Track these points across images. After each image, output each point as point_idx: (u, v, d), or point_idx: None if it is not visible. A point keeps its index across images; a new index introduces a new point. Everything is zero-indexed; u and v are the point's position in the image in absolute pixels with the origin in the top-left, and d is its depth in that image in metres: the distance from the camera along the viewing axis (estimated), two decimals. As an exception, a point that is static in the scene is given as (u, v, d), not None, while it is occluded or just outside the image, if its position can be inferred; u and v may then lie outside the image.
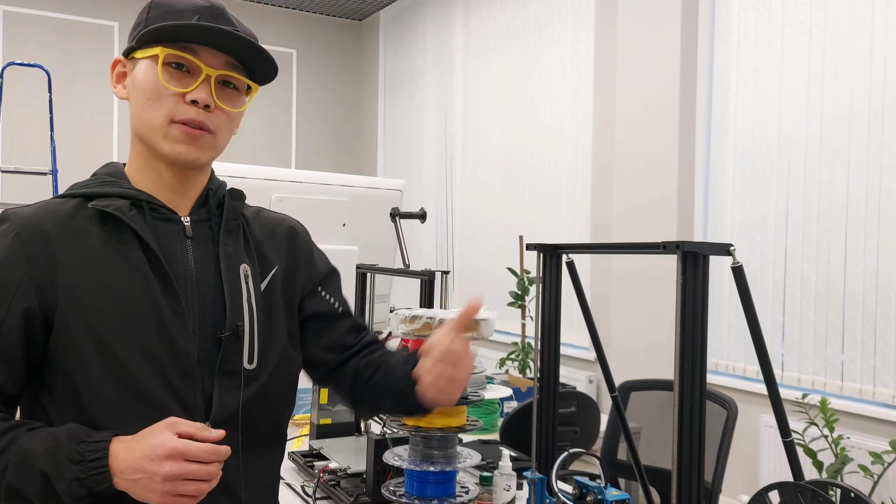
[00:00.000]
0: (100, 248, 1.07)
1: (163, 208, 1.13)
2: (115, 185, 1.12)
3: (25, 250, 1.04)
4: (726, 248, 1.15)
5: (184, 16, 1.09)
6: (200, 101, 1.08)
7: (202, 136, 1.10)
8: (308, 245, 1.32)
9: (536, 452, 1.53)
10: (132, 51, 1.12)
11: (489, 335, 1.53)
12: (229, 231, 1.17)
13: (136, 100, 1.11)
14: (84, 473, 0.96)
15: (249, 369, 1.13)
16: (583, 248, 1.37)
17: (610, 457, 2.56)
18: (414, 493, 1.53)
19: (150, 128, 1.09)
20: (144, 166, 1.14)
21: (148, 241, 1.07)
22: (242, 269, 1.16)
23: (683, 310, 1.14)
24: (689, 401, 1.13)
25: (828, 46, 3.49)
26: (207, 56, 1.09)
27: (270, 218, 1.29)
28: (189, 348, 1.08)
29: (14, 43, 6.31)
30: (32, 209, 1.09)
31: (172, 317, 1.07)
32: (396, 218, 2.19)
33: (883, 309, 3.26)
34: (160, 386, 1.05)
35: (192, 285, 1.11)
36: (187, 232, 1.14)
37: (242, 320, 1.13)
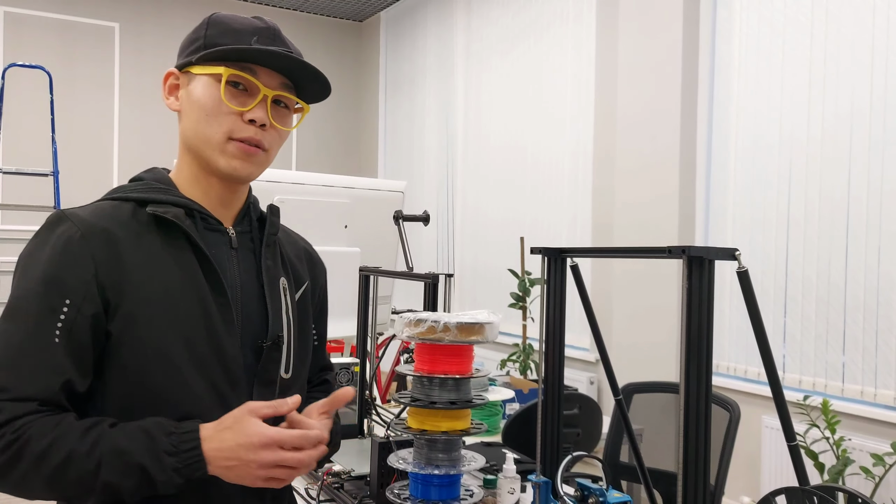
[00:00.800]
0: (158, 254, 1.10)
1: (211, 219, 1.17)
2: (166, 192, 1.14)
3: (92, 252, 1.05)
4: (732, 253, 1.15)
5: (242, 36, 1.13)
6: (258, 120, 1.12)
7: (257, 154, 1.14)
8: (322, 272, 1.39)
9: (541, 455, 1.53)
10: (188, 65, 1.15)
11: (493, 339, 1.53)
12: (268, 245, 1.22)
13: (193, 114, 1.14)
14: (181, 463, 1.00)
15: (285, 378, 1.20)
16: (588, 252, 1.37)
17: (612, 459, 2.56)
18: (418, 497, 1.53)
19: (207, 143, 1.13)
20: (194, 177, 1.17)
21: (204, 250, 1.11)
22: (282, 282, 1.22)
23: (689, 314, 1.15)
24: (695, 405, 1.13)
25: (829, 47, 3.49)
26: (265, 76, 1.13)
27: (295, 237, 1.37)
28: (237, 355, 1.13)
29: (15, 44, 6.31)
30: (90, 211, 1.10)
31: (223, 325, 1.11)
32: (400, 221, 2.19)
33: (884, 310, 3.27)
34: (208, 391, 1.09)
35: (238, 295, 1.16)
36: (233, 243, 1.19)
37: (283, 331, 1.19)
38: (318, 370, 1.41)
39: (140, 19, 6.78)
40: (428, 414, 1.52)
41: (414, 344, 1.54)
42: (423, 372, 1.52)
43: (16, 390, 1.00)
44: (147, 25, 6.82)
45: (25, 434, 0.98)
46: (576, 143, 4.91)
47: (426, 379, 1.53)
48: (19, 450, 0.98)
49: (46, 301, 1.03)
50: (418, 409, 1.52)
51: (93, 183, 6.58)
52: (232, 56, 1.11)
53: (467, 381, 1.55)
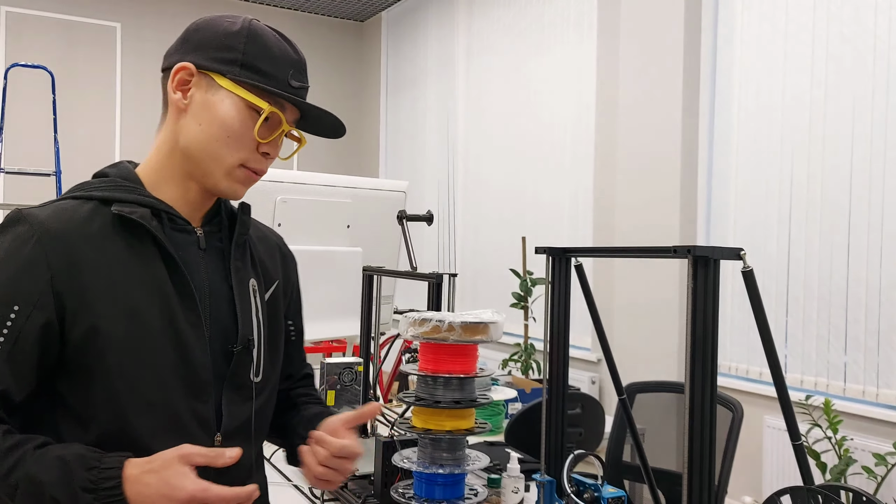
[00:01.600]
0: (121, 256, 1.05)
1: (179, 219, 1.13)
2: (132, 190, 1.10)
3: (48, 257, 1.00)
4: (737, 253, 1.15)
5: (280, 66, 1.11)
6: (272, 154, 1.13)
7: (257, 181, 1.15)
8: (293, 267, 1.35)
9: (545, 454, 1.53)
10: (213, 71, 1.09)
11: (497, 338, 1.54)
12: (238, 245, 1.18)
13: (208, 127, 1.09)
14: (98, 502, 0.94)
15: (257, 382, 1.16)
16: (592, 251, 1.38)
17: (615, 458, 2.57)
18: (423, 496, 1.53)
19: (217, 162, 1.10)
20: (173, 178, 1.13)
21: (172, 253, 1.07)
22: (251, 284, 1.18)
23: (694, 314, 1.15)
24: (700, 405, 1.14)
25: (830, 48, 3.50)
26: (289, 113, 1.13)
27: (266, 233, 1.31)
28: (205, 360, 1.09)
29: (17, 44, 6.32)
30: (50, 212, 1.05)
31: (190, 329, 1.07)
32: (403, 220, 2.20)
33: (886, 310, 3.27)
34: (175, 397, 1.06)
35: (206, 298, 1.12)
36: (201, 244, 1.14)
37: (252, 334, 1.15)
38: (299, 365, 1.40)
39: (142, 19, 6.79)
40: (432, 413, 1.53)
41: (418, 343, 1.55)
42: (428, 371, 1.53)
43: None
44: (149, 25, 6.82)
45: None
46: (577, 142, 4.91)
47: (430, 378, 1.53)
48: None
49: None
50: (423, 408, 1.53)
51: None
52: (287, 101, 1.11)
53: (471, 380, 1.55)
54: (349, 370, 2.18)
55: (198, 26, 1.14)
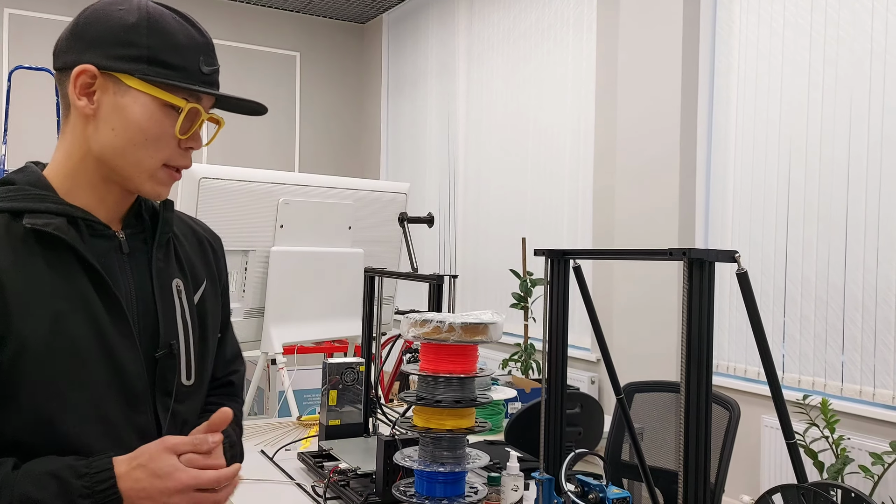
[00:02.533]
0: (40, 272, 0.98)
1: (98, 224, 1.06)
2: (45, 199, 1.02)
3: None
4: (731, 255, 1.18)
5: (188, 54, 1.04)
6: (195, 147, 1.08)
7: (180, 177, 1.11)
8: (222, 258, 1.29)
9: (544, 453, 1.56)
10: (119, 72, 1.02)
11: (497, 339, 1.57)
12: (161, 245, 1.13)
13: (123, 132, 1.02)
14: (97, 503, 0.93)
15: (187, 385, 1.12)
16: (591, 253, 1.40)
17: (614, 457, 2.59)
18: (424, 493, 1.56)
19: (136, 167, 1.04)
20: (89, 184, 1.06)
21: (93, 263, 1.01)
22: (175, 285, 1.12)
23: (689, 315, 1.17)
24: (696, 405, 1.16)
25: (828, 51, 3.53)
26: (206, 102, 1.09)
27: (192, 226, 1.25)
28: (139, 370, 1.05)
29: (21, 46, 6.35)
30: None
31: (121, 339, 1.03)
32: (404, 222, 2.23)
33: (883, 311, 3.30)
34: (113, 411, 1.02)
35: (133, 304, 1.07)
36: (123, 248, 1.08)
37: (177, 338, 1.10)
38: (224, 363, 1.30)
39: (143, 21, 6.81)
40: (433, 412, 1.56)
41: (419, 344, 1.57)
42: (429, 371, 1.56)
43: None
44: (150, 27, 6.85)
45: None
46: (576, 144, 4.94)
47: (431, 378, 1.56)
48: None
49: None
50: (424, 407, 1.56)
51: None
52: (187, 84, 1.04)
53: (472, 380, 1.58)
54: (351, 370, 2.21)
55: (87, 19, 1.04)
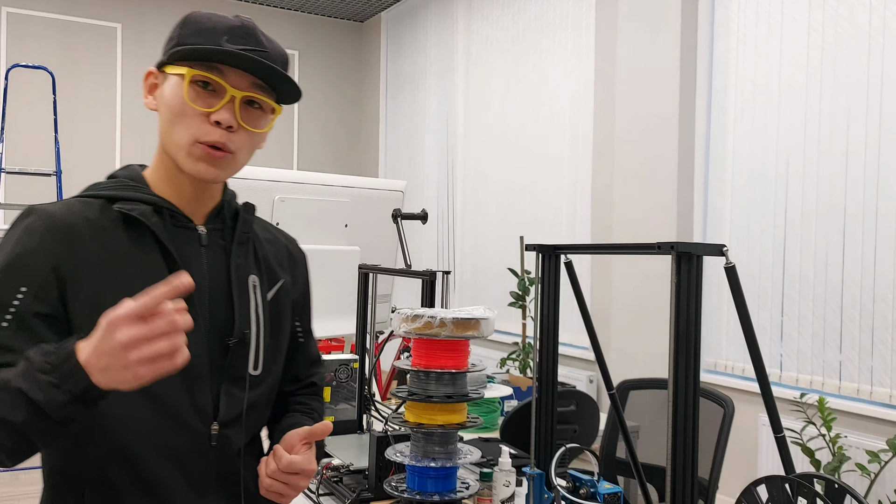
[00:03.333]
0: (121, 250, 1.10)
1: (181, 216, 1.16)
2: (137, 189, 1.15)
3: (53, 246, 1.06)
4: (719, 249, 1.18)
5: (213, 35, 1.10)
6: (224, 122, 1.09)
7: (223, 157, 1.11)
8: (304, 269, 1.36)
9: (535, 449, 1.56)
10: (163, 65, 1.14)
11: (488, 334, 1.56)
12: (241, 243, 1.22)
13: (164, 115, 1.13)
14: (58, 379, 0.90)
15: (255, 375, 1.19)
16: (580, 248, 1.40)
17: (609, 454, 2.59)
18: (415, 489, 1.56)
19: (175, 144, 1.12)
20: (168, 175, 1.17)
21: (168, 248, 1.11)
22: (251, 280, 1.21)
23: (677, 309, 1.17)
24: (684, 398, 1.16)
25: (826, 49, 3.52)
26: (234, 77, 1.10)
27: (276, 234, 1.34)
28: (200, 352, 1.12)
29: (18, 45, 6.35)
30: (59, 207, 1.11)
31: None
32: (398, 219, 2.22)
33: (880, 309, 3.29)
34: (171, 386, 1.09)
35: (205, 292, 1.15)
36: (202, 241, 1.18)
37: (249, 328, 1.18)
38: (307, 365, 1.39)
39: (142, 20, 6.82)
40: (425, 408, 1.55)
41: (412, 339, 1.57)
42: (420, 366, 1.56)
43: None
44: (149, 26, 6.85)
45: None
46: (575, 142, 4.94)
47: (423, 373, 1.56)
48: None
49: (2, 288, 1.03)
50: (415, 402, 1.56)
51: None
52: (198, 56, 1.09)
53: (463, 375, 1.58)
54: (345, 367, 2.21)
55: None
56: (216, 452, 1.15)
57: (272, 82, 1.13)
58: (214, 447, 1.14)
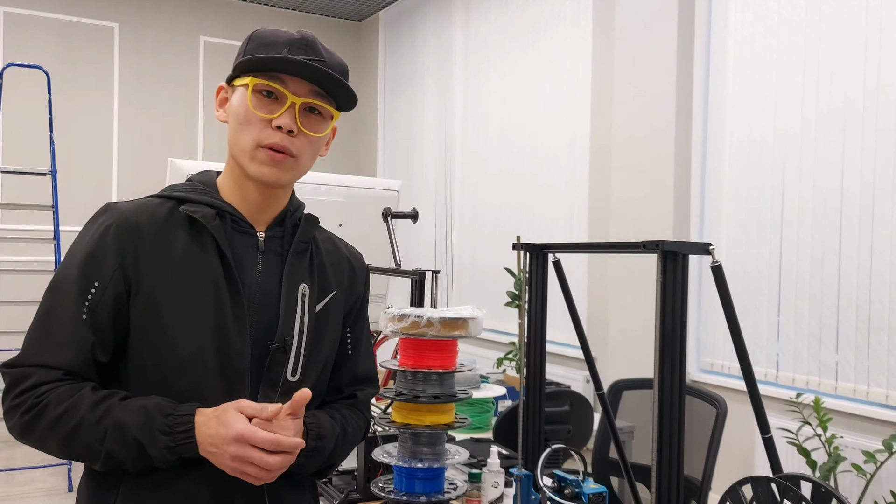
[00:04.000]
0: (183, 249, 1.18)
1: (243, 221, 1.23)
2: (205, 193, 1.23)
3: (120, 243, 1.15)
4: (705, 248, 1.16)
5: (275, 47, 1.19)
6: (284, 126, 1.17)
7: (285, 160, 1.19)
8: (363, 284, 1.41)
9: (523, 449, 1.54)
10: (232, 79, 1.23)
11: (476, 334, 1.55)
12: (298, 252, 1.27)
13: (231, 124, 1.22)
14: (174, 443, 1.09)
15: (292, 381, 1.23)
16: (567, 247, 1.39)
17: (602, 455, 2.58)
18: (402, 490, 1.54)
19: (241, 150, 1.19)
20: (235, 182, 1.24)
21: (224, 250, 1.18)
22: (301, 289, 1.25)
23: (663, 308, 1.16)
24: (669, 397, 1.15)
25: (823, 46, 3.51)
26: (294, 85, 1.18)
27: (339, 247, 1.40)
28: (244, 351, 1.18)
29: (14, 44, 6.34)
30: (132, 206, 1.20)
31: (234, 321, 1.17)
32: (388, 218, 2.21)
33: (877, 309, 3.28)
34: (213, 381, 1.16)
35: (257, 295, 1.21)
36: (260, 246, 1.24)
37: (291, 335, 1.23)
38: (351, 379, 1.39)
39: (140, 19, 6.81)
40: (412, 408, 1.54)
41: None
42: (408, 367, 1.54)
43: (45, 359, 1.12)
44: (147, 26, 6.85)
45: (45, 399, 1.10)
46: (572, 141, 4.92)
47: (410, 374, 1.54)
48: (39, 413, 1.09)
49: (80, 282, 1.14)
50: (402, 403, 1.54)
51: (93, 182, 6.61)
52: (260, 66, 1.17)
53: (451, 375, 1.56)
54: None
55: None
56: None
57: (330, 89, 1.20)
58: None
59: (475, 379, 2.68)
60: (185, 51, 7.00)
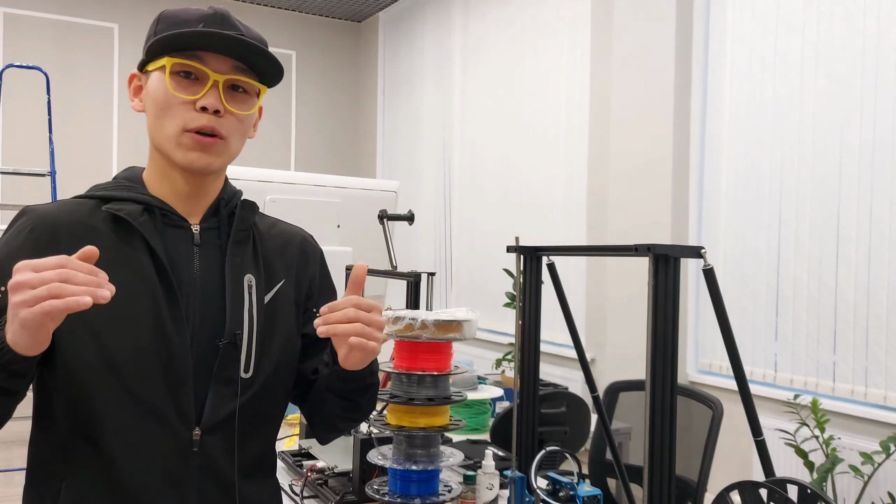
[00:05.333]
0: (108, 250, 1.09)
1: (174, 215, 1.15)
2: (131, 189, 1.15)
3: (37, 246, 1.08)
4: (697, 251, 1.17)
5: (188, 24, 1.11)
6: (210, 106, 1.09)
7: (214, 144, 1.11)
8: (317, 263, 1.32)
9: (517, 451, 1.55)
10: (144, 64, 1.15)
11: (471, 336, 1.55)
12: (238, 241, 1.19)
13: (150, 111, 1.14)
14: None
15: (245, 377, 1.15)
16: (562, 250, 1.39)
17: (598, 456, 2.58)
18: (397, 492, 1.55)
19: (165, 137, 1.12)
20: (161, 174, 1.16)
21: (155, 247, 1.10)
22: (247, 280, 1.17)
23: (655, 311, 1.16)
24: (661, 399, 1.15)
25: (821, 48, 3.51)
26: (214, 62, 1.10)
27: (285, 231, 1.30)
28: (184, 355, 1.10)
29: (13, 45, 6.35)
30: (51, 208, 1.12)
31: (171, 323, 1.09)
32: (384, 220, 2.22)
33: (874, 310, 3.28)
34: (154, 389, 1.08)
35: (196, 292, 1.13)
36: (195, 239, 1.16)
37: (241, 329, 1.14)
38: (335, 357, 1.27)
39: (139, 20, 6.82)
40: (406, 410, 1.54)
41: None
42: (402, 369, 1.54)
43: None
44: (146, 26, 6.85)
45: None
46: (571, 143, 4.93)
47: (405, 376, 1.55)
48: None
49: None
50: (397, 405, 1.55)
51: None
52: (175, 45, 1.09)
53: (446, 377, 1.57)
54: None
55: None
56: (198, 458, 1.11)
57: (253, 62, 1.13)
58: (196, 452, 1.11)
59: (472, 380, 2.69)
60: (185, 52, 7.00)
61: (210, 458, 1.12)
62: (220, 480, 1.14)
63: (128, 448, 1.07)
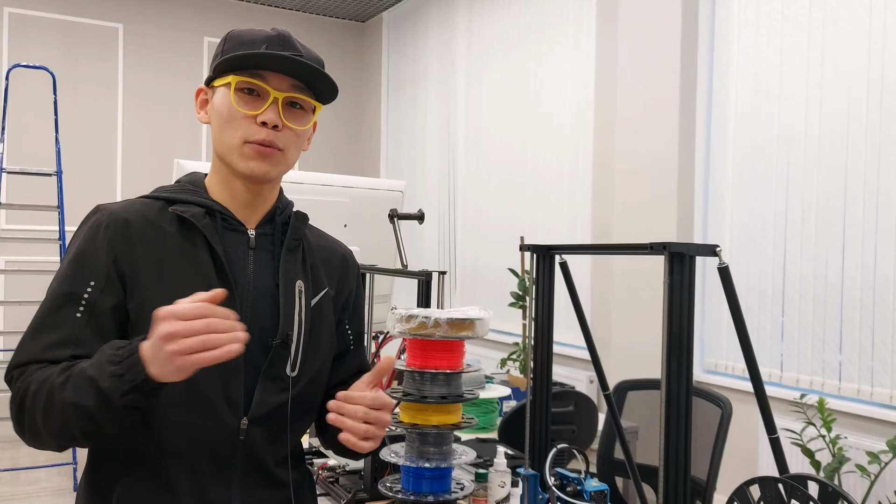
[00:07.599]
0: (173, 248, 1.19)
1: (233, 219, 1.25)
2: (194, 193, 1.25)
3: (112, 242, 1.17)
4: (712, 249, 1.17)
5: (254, 45, 1.21)
6: (270, 121, 1.19)
7: (272, 154, 1.21)
8: (355, 279, 1.43)
9: (530, 449, 1.55)
10: (211, 80, 1.25)
11: (483, 335, 1.56)
12: (290, 249, 1.29)
13: (215, 123, 1.24)
14: (122, 370, 1.02)
15: (292, 376, 1.25)
16: (575, 248, 1.40)
17: (607, 455, 2.58)
18: (410, 489, 1.55)
19: (228, 148, 1.22)
20: (222, 181, 1.26)
21: (215, 247, 1.20)
22: (298, 285, 1.27)
23: (670, 309, 1.17)
24: (676, 399, 1.16)
25: (827, 49, 3.51)
26: (274, 80, 1.20)
27: (328, 242, 1.41)
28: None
29: (20, 45, 6.36)
30: (121, 205, 1.22)
31: None
32: (394, 219, 2.22)
33: (880, 309, 3.28)
34: (207, 379, 1.15)
35: (249, 292, 1.23)
36: (251, 243, 1.26)
37: (292, 330, 1.24)
38: (354, 373, 1.43)
39: (144, 20, 6.83)
40: (419, 408, 1.55)
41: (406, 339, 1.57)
42: (415, 367, 1.55)
43: (39, 356, 1.12)
44: (150, 26, 6.86)
45: (28, 386, 1.09)
46: (575, 142, 4.93)
47: (417, 374, 1.55)
48: (23, 399, 1.09)
49: (74, 281, 1.15)
50: (410, 403, 1.55)
51: (97, 182, 6.63)
52: (240, 64, 1.19)
53: (458, 375, 1.57)
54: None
55: None
56: (244, 446, 1.20)
57: (310, 82, 1.23)
58: (242, 441, 1.19)
59: (481, 379, 2.69)
60: (189, 52, 7.01)
61: (254, 447, 1.21)
62: (261, 466, 1.23)
63: (180, 432, 1.16)
